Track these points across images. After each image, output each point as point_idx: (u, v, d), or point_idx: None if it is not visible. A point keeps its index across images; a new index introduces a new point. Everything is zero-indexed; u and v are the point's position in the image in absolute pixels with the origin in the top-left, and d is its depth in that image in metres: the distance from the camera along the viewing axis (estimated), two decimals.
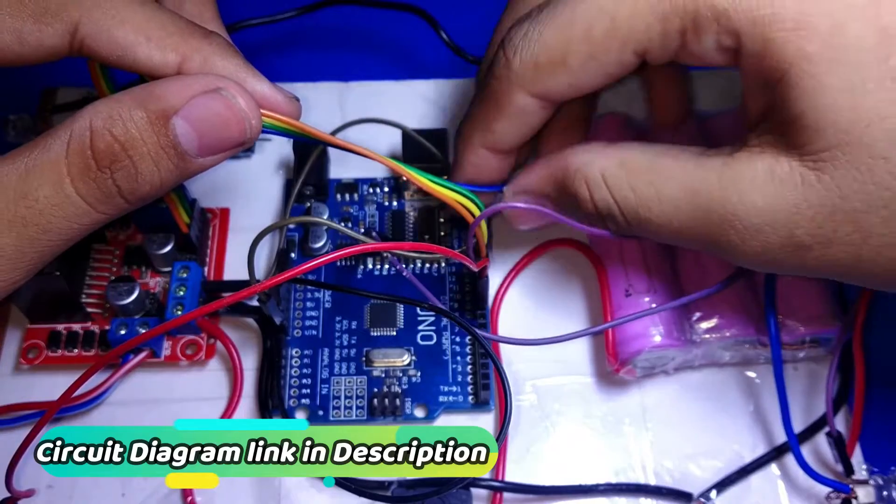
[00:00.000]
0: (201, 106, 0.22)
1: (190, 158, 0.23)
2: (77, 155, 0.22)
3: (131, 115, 0.22)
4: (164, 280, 0.33)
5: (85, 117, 0.22)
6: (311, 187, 0.35)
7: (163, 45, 0.23)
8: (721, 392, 0.32)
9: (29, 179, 0.21)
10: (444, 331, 0.33)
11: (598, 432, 0.32)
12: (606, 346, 0.31)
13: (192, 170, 0.23)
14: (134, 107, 0.22)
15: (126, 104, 0.22)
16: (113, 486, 0.30)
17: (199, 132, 0.22)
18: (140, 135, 0.22)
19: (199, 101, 0.22)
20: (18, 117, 0.36)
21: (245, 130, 0.23)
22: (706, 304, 0.31)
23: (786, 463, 0.31)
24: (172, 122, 0.22)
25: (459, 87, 0.39)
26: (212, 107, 0.22)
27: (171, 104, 0.22)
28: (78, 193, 0.22)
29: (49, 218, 0.22)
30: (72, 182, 0.22)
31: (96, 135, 0.21)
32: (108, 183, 0.22)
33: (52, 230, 0.22)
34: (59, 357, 0.32)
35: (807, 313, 0.31)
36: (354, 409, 0.31)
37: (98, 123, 0.22)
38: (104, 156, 0.22)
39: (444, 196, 0.26)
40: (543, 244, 0.34)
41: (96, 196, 0.22)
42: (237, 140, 0.23)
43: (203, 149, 0.23)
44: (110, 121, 0.22)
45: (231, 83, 0.23)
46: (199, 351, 0.32)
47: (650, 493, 0.31)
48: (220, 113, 0.23)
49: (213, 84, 0.23)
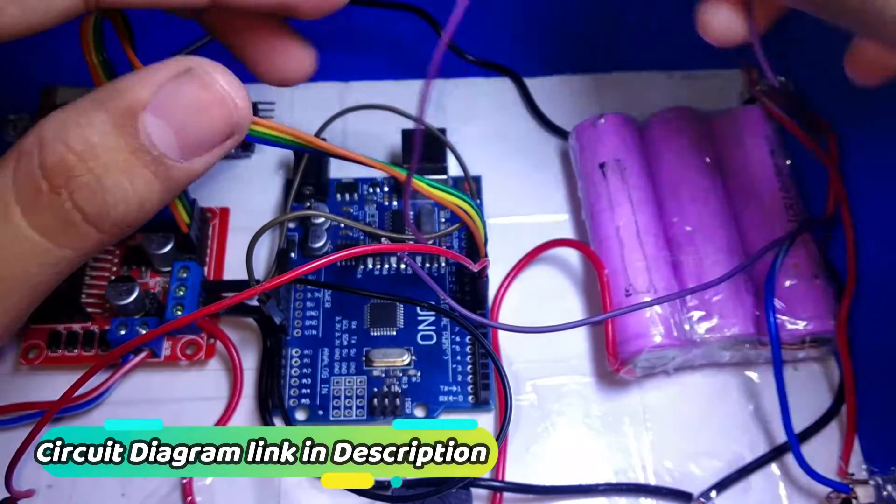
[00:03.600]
0: (172, 93, 0.18)
1: (170, 162, 0.18)
2: (24, 176, 0.17)
3: (91, 118, 0.17)
4: (163, 280, 0.33)
5: (35, 131, 0.17)
6: (311, 187, 0.35)
7: None
8: (721, 392, 0.32)
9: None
10: (444, 331, 0.33)
11: (598, 432, 0.32)
12: (606, 346, 0.31)
13: (177, 177, 0.19)
14: (93, 108, 0.17)
15: (83, 106, 0.18)
16: (113, 486, 0.30)
17: (175, 126, 0.18)
18: (101, 139, 0.17)
19: (168, 88, 0.18)
20: (18, 117, 0.36)
21: (230, 114, 0.19)
22: (706, 304, 0.31)
23: (786, 463, 0.31)
24: (140, 119, 0.18)
25: (459, 87, 0.39)
26: (185, 92, 0.18)
27: (136, 97, 0.18)
28: (30, 225, 0.17)
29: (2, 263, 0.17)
30: (21, 212, 0.17)
31: (46, 148, 0.17)
32: (66, 206, 0.17)
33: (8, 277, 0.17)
34: (59, 357, 0.32)
35: (807, 313, 0.31)
36: (354, 408, 0.31)
37: (49, 134, 0.17)
38: (57, 172, 0.17)
39: (441, 199, 0.26)
40: (543, 244, 0.34)
41: (52, 226, 0.17)
42: (222, 128, 0.19)
43: (185, 148, 0.18)
44: (63, 128, 0.17)
45: (205, 61, 0.19)
46: (199, 351, 0.32)
47: (650, 493, 0.31)
48: (195, 97, 0.18)
49: (183, 65, 0.18)
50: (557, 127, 0.38)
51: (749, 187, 0.33)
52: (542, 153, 0.38)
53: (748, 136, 0.34)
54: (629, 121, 0.35)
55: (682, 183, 0.33)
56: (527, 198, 0.36)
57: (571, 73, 0.40)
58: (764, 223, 0.32)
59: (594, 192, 0.34)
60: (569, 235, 0.35)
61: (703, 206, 0.33)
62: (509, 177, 0.37)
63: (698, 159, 0.34)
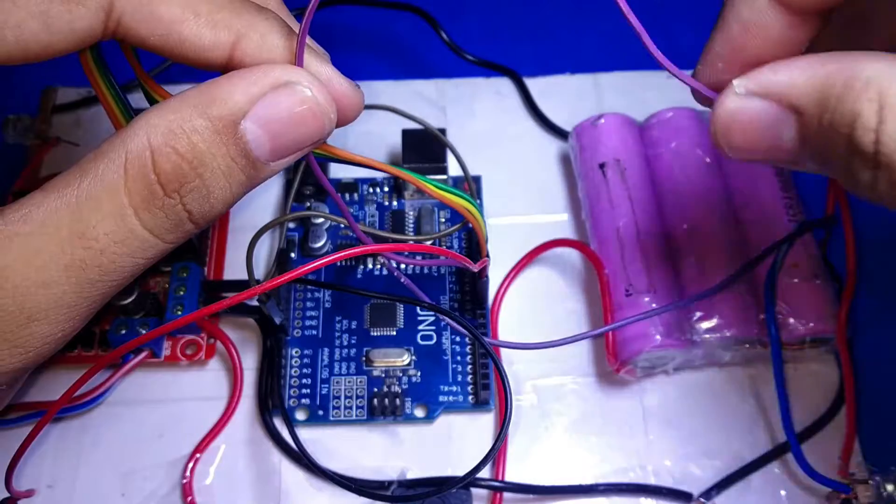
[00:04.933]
0: (273, 105, 0.19)
1: (262, 165, 0.20)
2: (139, 181, 0.18)
3: (194, 125, 0.19)
4: (163, 280, 0.33)
5: (140, 134, 0.18)
6: (311, 187, 0.35)
7: (213, 21, 0.20)
8: (721, 392, 0.32)
9: (83, 215, 0.18)
10: (444, 331, 0.33)
11: (598, 432, 0.32)
12: (606, 346, 0.31)
13: (262, 178, 0.20)
14: (195, 115, 0.19)
15: (185, 113, 0.19)
16: (113, 486, 0.30)
17: (271, 135, 0.19)
18: (208, 148, 0.19)
19: (269, 100, 0.19)
20: (18, 117, 0.36)
21: (324, 127, 0.20)
22: (706, 304, 0.31)
23: (786, 463, 0.31)
24: (242, 128, 0.19)
25: (459, 87, 0.39)
26: (285, 105, 0.19)
27: (237, 107, 0.19)
28: (144, 226, 0.19)
29: (111, 257, 0.19)
30: (136, 213, 0.19)
31: (159, 154, 0.18)
32: (177, 209, 0.19)
33: (115, 270, 0.19)
34: (59, 357, 0.32)
35: (807, 313, 0.31)
36: (354, 408, 0.31)
37: (158, 140, 0.18)
38: (171, 178, 0.19)
39: (443, 198, 0.26)
40: (543, 244, 0.34)
41: (165, 226, 0.19)
42: (314, 138, 0.20)
43: (276, 152, 0.20)
44: (172, 136, 0.18)
45: (303, 73, 0.20)
46: (199, 351, 0.32)
47: (650, 493, 0.31)
48: (295, 111, 0.19)
49: (283, 77, 0.19)
50: (557, 127, 0.38)
51: (749, 187, 0.33)
52: (542, 153, 0.38)
53: None
54: (629, 121, 0.35)
55: (682, 183, 0.33)
56: (527, 198, 0.36)
57: (571, 73, 0.40)
58: (764, 223, 0.32)
59: (594, 192, 0.34)
60: (569, 235, 0.35)
61: (703, 206, 0.33)
62: (509, 177, 0.37)
63: (698, 159, 0.34)
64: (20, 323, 0.19)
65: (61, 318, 0.19)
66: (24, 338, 0.19)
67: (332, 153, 0.23)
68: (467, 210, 0.26)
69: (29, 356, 0.20)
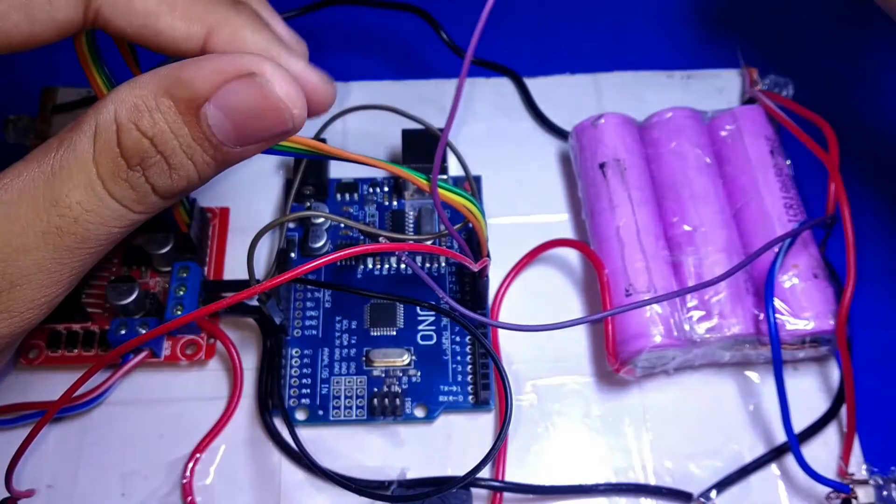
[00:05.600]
0: (234, 93, 0.20)
1: (226, 148, 0.20)
2: (105, 153, 0.19)
3: (157, 104, 0.19)
4: (163, 280, 0.33)
5: (109, 108, 0.19)
6: (311, 187, 0.35)
7: (187, 14, 0.21)
8: (721, 392, 0.32)
9: (57, 183, 0.19)
10: (444, 331, 0.33)
11: (598, 432, 0.32)
12: (606, 346, 0.31)
13: (231, 159, 0.21)
14: (160, 94, 0.19)
15: (150, 91, 0.19)
16: (113, 486, 0.30)
17: (233, 122, 0.20)
18: (169, 127, 0.19)
19: (231, 88, 0.19)
20: (18, 117, 0.36)
21: (286, 121, 0.20)
22: (706, 304, 0.31)
23: (786, 463, 0.31)
24: (203, 112, 0.19)
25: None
26: (246, 95, 0.20)
27: (200, 91, 0.19)
28: (112, 196, 0.20)
29: (86, 225, 0.20)
30: (104, 184, 0.20)
31: (123, 130, 0.19)
32: (141, 182, 0.20)
33: (90, 237, 0.20)
34: (59, 357, 0.32)
35: (807, 313, 0.31)
36: (354, 408, 0.31)
37: (123, 116, 0.19)
38: (133, 154, 0.19)
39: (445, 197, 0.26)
40: (543, 244, 0.34)
41: (131, 197, 0.20)
42: (276, 131, 0.21)
43: (241, 139, 0.20)
44: (136, 113, 0.19)
45: (268, 64, 0.20)
46: (199, 351, 0.32)
47: (650, 493, 0.31)
48: (255, 103, 0.20)
49: (247, 67, 0.20)
50: (557, 127, 0.38)
51: (749, 187, 0.33)
52: (542, 153, 0.38)
53: (748, 136, 0.34)
54: (629, 121, 0.35)
55: (682, 183, 0.33)
56: (527, 198, 0.36)
57: (571, 73, 0.40)
58: (764, 223, 0.32)
59: (594, 192, 0.34)
60: (569, 235, 0.35)
61: (703, 206, 0.33)
62: (509, 177, 0.37)
63: (698, 159, 0.34)
64: (3, 288, 0.20)
65: (43, 284, 0.20)
66: (7, 303, 0.20)
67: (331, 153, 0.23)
68: (468, 210, 0.26)
69: (14, 321, 0.21)
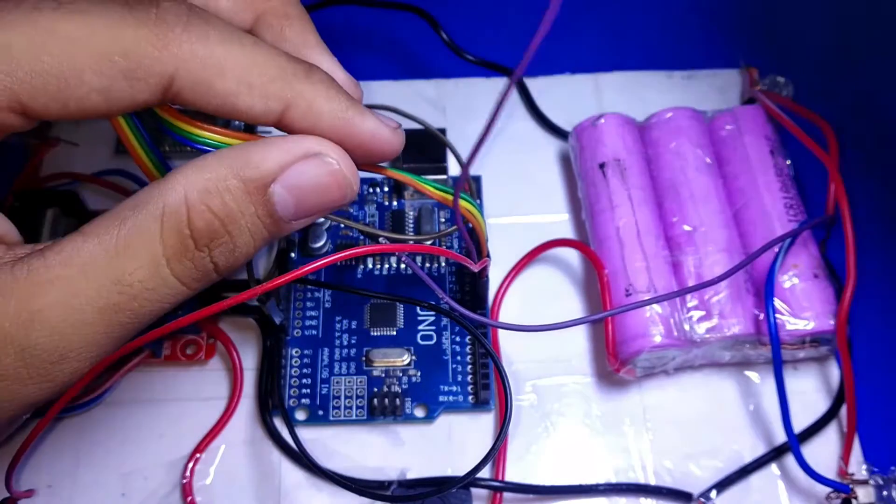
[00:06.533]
0: (301, 173, 0.21)
1: (284, 224, 0.21)
2: (174, 234, 0.20)
3: (227, 185, 0.20)
4: None
5: (178, 189, 0.20)
6: None
7: (265, 93, 0.21)
8: (721, 392, 0.32)
9: (121, 262, 0.20)
10: (444, 331, 0.33)
11: (598, 432, 0.32)
12: (606, 346, 0.31)
13: (283, 233, 0.22)
14: (229, 176, 0.20)
15: (220, 172, 0.20)
16: (113, 486, 0.30)
17: (296, 199, 0.21)
18: (238, 207, 0.20)
19: (298, 168, 0.21)
20: None
21: (345, 195, 0.22)
22: (706, 304, 0.31)
23: (786, 463, 0.31)
24: (271, 191, 0.20)
25: (459, 86, 0.39)
26: (312, 174, 0.21)
27: (269, 171, 0.20)
28: (174, 275, 0.20)
29: (142, 302, 0.20)
30: (168, 264, 0.20)
31: (194, 211, 0.20)
32: (206, 261, 0.21)
33: (145, 314, 0.20)
34: None
35: (807, 313, 0.31)
36: (354, 408, 0.31)
37: (194, 196, 0.20)
38: (204, 234, 0.20)
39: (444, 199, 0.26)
40: (543, 244, 0.34)
41: (193, 276, 0.21)
42: (336, 204, 0.22)
43: (299, 213, 0.21)
44: (207, 194, 0.20)
45: (331, 147, 0.22)
46: (199, 351, 0.32)
47: (650, 493, 0.31)
48: (321, 180, 0.21)
49: (314, 149, 0.21)
50: (557, 127, 0.38)
51: (749, 187, 0.33)
52: (542, 153, 0.38)
53: (748, 136, 0.34)
54: (629, 121, 0.35)
55: (682, 183, 0.33)
56: (527, 198, 0.36)
57: (571, 73, 0.40)
58: (764, 223, 0.32)
59: (594, 192, 0.34)
60: (569, 235, 0.35)
61: (703, 206, 0.33)
62: (509, 177, 0.37)
63: (698, 159, 0.34)
64: (53, 361, 0.20)
65: (91, 356, 0.20)
66: (54, 374, 0.20)
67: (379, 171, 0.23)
68: (468, 210, 0.26)
69: (54, 389, 0.21)
